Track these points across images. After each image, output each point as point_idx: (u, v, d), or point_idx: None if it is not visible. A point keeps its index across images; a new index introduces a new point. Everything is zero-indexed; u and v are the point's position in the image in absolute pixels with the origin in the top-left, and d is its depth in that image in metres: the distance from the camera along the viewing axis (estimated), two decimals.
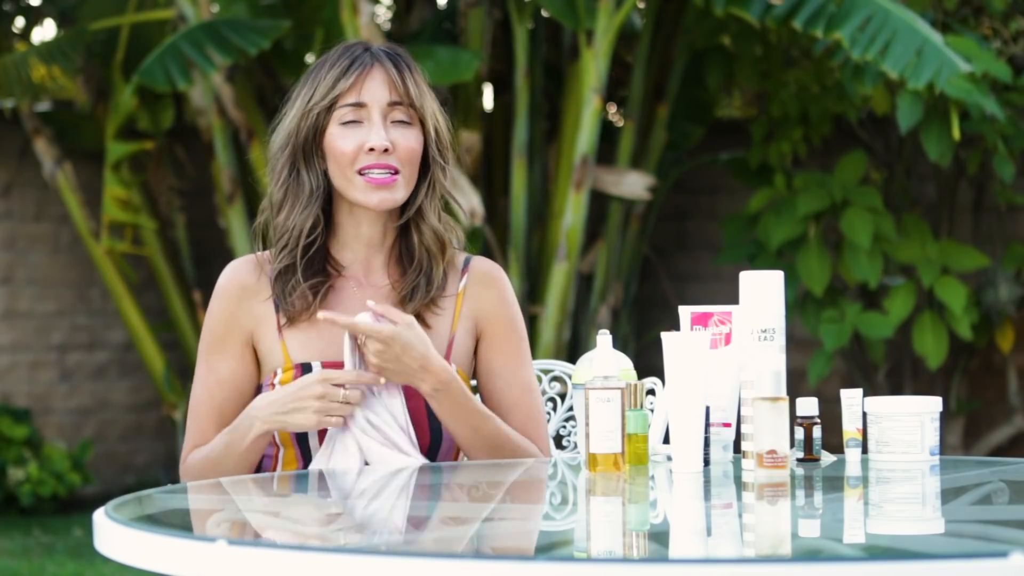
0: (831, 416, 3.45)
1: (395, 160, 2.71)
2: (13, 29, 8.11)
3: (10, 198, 8.12)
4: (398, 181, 2.71)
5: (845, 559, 1.80)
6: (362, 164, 2.70)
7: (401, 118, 2.73)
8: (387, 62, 2.73)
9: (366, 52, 2.75)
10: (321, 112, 2.71)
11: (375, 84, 2.72)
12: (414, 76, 2.75)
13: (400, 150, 2.71)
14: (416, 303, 2.75)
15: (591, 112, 6.79)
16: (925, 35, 6.04)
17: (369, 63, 2.73)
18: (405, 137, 2.72)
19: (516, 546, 2.04)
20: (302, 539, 2.06)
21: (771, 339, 2.54)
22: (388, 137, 2.70)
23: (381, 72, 2.73)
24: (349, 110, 2.71)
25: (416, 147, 2.73)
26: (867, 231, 6.75)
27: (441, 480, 2.62)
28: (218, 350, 2.76)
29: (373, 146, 2.69)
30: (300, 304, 2.72)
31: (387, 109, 2.72)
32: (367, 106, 2.71)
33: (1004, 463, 2.78)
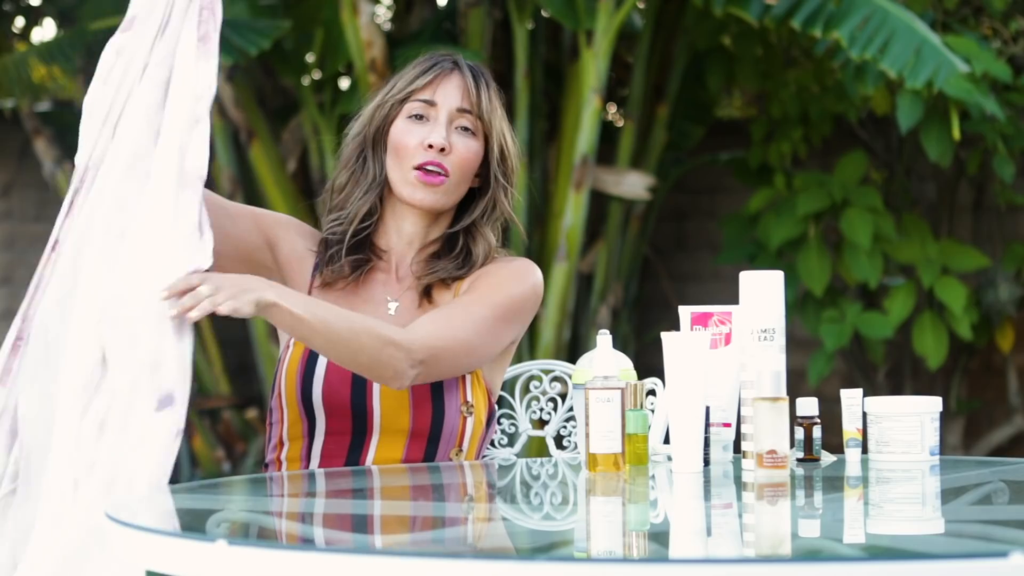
0: (831, 416, 3.45)
1: (448, 162, 2.77)
2: (13, 29, 8.11)
3: (10, 198, 8.13)
4: (445, 184, 2.77)
5: (845, 559, 1.80)
6: (418, 160, 2.76)
7: (466, 125, 2.80)
8: (466, 71, 2.82)
9: (449, 59, 2.83)
10: (394, 104, 2.80)
11: (449, 87, 2.80)
12: (489, 91, 2.82)
13: (456, 154, 2.77)
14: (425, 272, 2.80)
15: (591, 112, 6.79)
16: (923, 35, 6.04)
17: (449, 68, 2.81)
18: (465, 144, 2.79)
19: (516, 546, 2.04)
20: (302, 539, 2.06)
21: (771, 339, 2.54)
22: (448, 139, 2.76)
23: (458, 78, 2.81)
24: (419, 105, 2.79)
25: (472, 157, 2.79)
26: (867, 231, 6.75)
27: (441, 480, 2.62)
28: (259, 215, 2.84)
29: (432, 143, 2.76)
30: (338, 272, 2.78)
31: (455, 114, 2.79)
32: (436, 106, 2.79)
33: (1004, 463, 2.78)
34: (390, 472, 2.67)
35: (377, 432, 2.72)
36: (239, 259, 2.78)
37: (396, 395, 2.72)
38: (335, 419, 2.72)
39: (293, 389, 2.73)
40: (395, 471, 2.68)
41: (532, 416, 3.11)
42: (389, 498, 2.50)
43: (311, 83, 7.39)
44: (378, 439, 2.73)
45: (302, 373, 2.73)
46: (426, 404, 2.73)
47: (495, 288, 2.78)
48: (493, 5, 7.18)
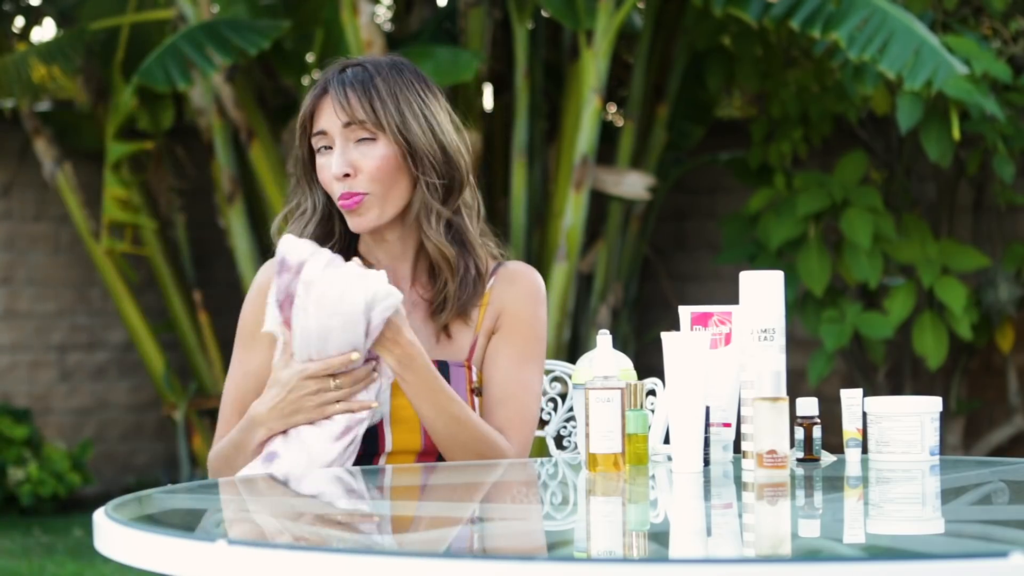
0: (831, 416, 3.45)
1: (360, 183, 2.72)
2: (13, 29, 8.11)
3: (10, 198, 8.13)
4: (364, 203, 2.72)
5: (845, 559, 1.80)
6: (335, 192, 2.73)
7: (362, 135, 2.73)
8: (337, 85, 2.74)
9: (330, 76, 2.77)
10: (302, 143, 2.78)
11: (327, 110, 2.74)
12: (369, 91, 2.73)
13: (363, 171, 2.72)
14: (445, 317, 2.77)
15: (591, 112, 6.79)
16: (922, 36, 6.04)
17: (320, 92, 2.75)
18: (367, 156, 2.72)
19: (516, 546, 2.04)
20: (302, 539, 2.06)
21: (771, 339, 2.54)
22: (349, 160, 2.71)
23: (333, 97, 2.73)
24: (319, 137, 2.75)
25: (380, 163, 2.72)
26: (867, 231, 6.75)
27: (440, 480, 2.62)
28: (248, 345, 2.79)
29: (334, 174, 2.72)
30: None
31: (346, 132, 2.73)
32: (328, 134, 2.74)
33: (1004, 463, 2.78)
34: (392, 472, 2.67)
35: (387, 453, 2.72)
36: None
37: (407, 420, 2.72)
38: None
39: None
40: (398, 471, 2.68)
41: None
42: (390, 498, 2.50)
43: (311, 83, 7.39)
44: (386, 459, 2.72)
45: None
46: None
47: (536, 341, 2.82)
48: (493, 5, 7.18)
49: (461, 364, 2.76)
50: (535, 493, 2.54)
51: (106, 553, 2.07)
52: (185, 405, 7.79)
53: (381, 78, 2.75)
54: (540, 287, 2.83)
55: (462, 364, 2.76)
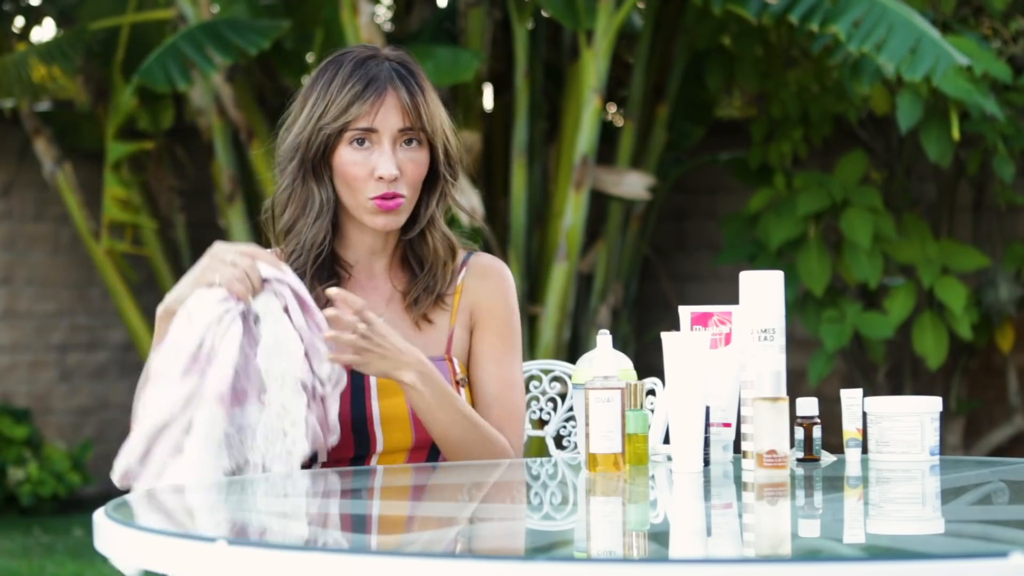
0: (831, 416, 3.45)
1: (402, 186, 2.73)
2: (13, 29, 8.11)
3: (10, 198, 8.13)
4: (402, 205, 2.74)
5: (845, 559, 1.80)
6: (371, 192, 2.71)
7: (410, 139, 2.74)
8: (400, 87, 2.73)
9: (380, 72, 2.74)
10: (332, 133, 2.73)
11: (388, 110, 2.72)
12: (426, 97, 2.75)
13: (407, 175, 2.73)
14: (422, 306, 2.78)
15: (591, 112, 6.79)
16: (922, 29, 6.04)
17: (383, 88, 2.73)
18: (413, 161, 2.74)
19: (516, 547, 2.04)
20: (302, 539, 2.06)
21: (771, 339, 2.54)
22: (397, 163, 2.72)
23: (394, 98, 2.73)
24: (360, 133, 2.72)
25: (422, 170, 2.76)
26: (867, 231, 6.75)
27: (440, 480, 2.62)
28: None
29: (383, 175, 2.71)
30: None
31: (397, 135, 2.73)
32: (379, 132, 2.72)
33: (1004, 463, 2.78)
34: (391, 472, 2.67)
35: (379, 453, 2.73)
36: None
37: (398, 418, 2.73)
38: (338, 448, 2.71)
39: None
40: (396, 471, 2.68)
41: (532, 416, 3.11)
42: (389, 498, 2.50)
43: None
44: (378, 459, 2.73)
45: None
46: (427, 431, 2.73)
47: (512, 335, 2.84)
48: (493, 5, 7.18)
49: (442, 358, 2.78)
50: (536, 493, 2.54)
51: (106, 553, 2.07)
52: None
53: (424, 79, 2.78)
54: (510, 279, 2.87)
55: (443, 358, 2.78)
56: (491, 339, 2.82)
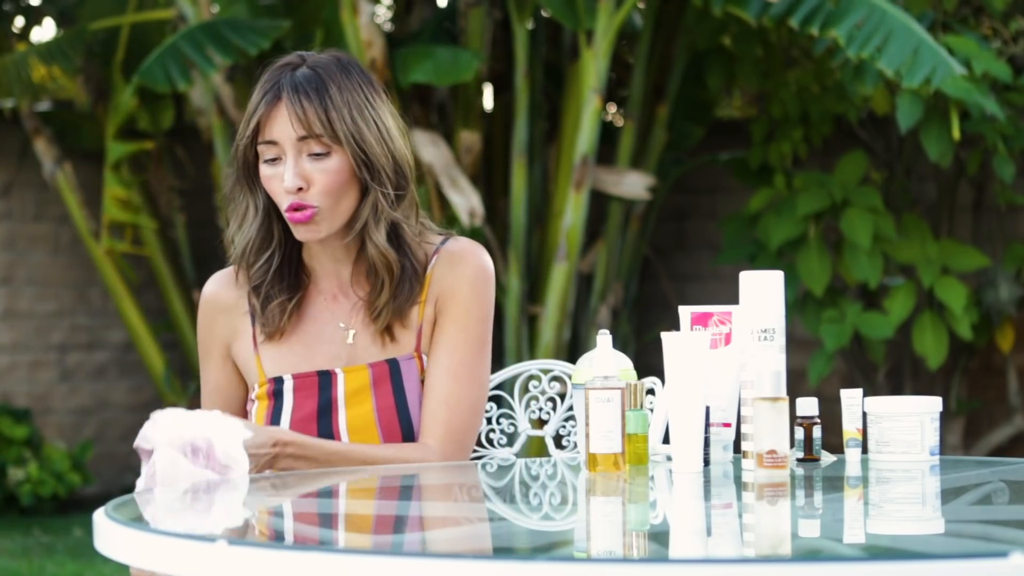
0: (831, 416, 3.45)
1: (311, 197, 2.65)
2: (13, 29, 8.11)
3: (10, 198, 8.13)
4: (317, 214, 2.65)
5: (845, 559, 1.80)
6: (284, 204, 2.67)
7: (316, 150, 2.65)
8: (292, 94, 2.66)
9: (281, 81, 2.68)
10: (248, 147, 2.69)
11: (280, 120, 2.66)
12: (325, 103, 2.66)
13: (315, 185, 2.65)
14: (383, 320, 2.73)
15: (591, 112, 6.79)
16: (920, 35, 6.05)
17: (273, 98, 2.67)
18: (320, 171, 2.65)
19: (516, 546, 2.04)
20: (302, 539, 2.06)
21: (771, 339, 2.54)
22: (302, 174, 2.65)
23: (288, 107, 2.66)
24: (266, 147, 2.68)
25: (333, 178, 2.65)
26: (867, 231, 6.75)
27: (440, 480, 2.62)
28: (204, 361, 2.84)
29: (286, 187, 2.65)
30: (271, 321, 2.75)
31: (299, 144, 2.65)
32: (279, 143, 2.66)
33: (1004, 463, 2.78)
34: (390, 472, 2.67)
35: None
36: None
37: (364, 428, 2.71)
38: None
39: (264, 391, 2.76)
40: (395, 472, 2.68)
41: (531, 416, 3.11)
42: (389, 498, 2.50)
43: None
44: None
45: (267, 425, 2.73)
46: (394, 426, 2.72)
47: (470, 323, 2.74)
48: (493, 5, 7.18)
49: (411, 356, 2.73)
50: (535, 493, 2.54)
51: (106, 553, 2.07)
52: (185, 405, 7.77)
53: (335, 85, 2.67)
54: (483, 265, 2.75)
55: (411, 356, 2.73)
56: (447, 326, 2.73)
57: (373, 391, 2.71)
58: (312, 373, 2.72)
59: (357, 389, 2.70)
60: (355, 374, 2.72)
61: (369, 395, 2.71)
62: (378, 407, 2.71)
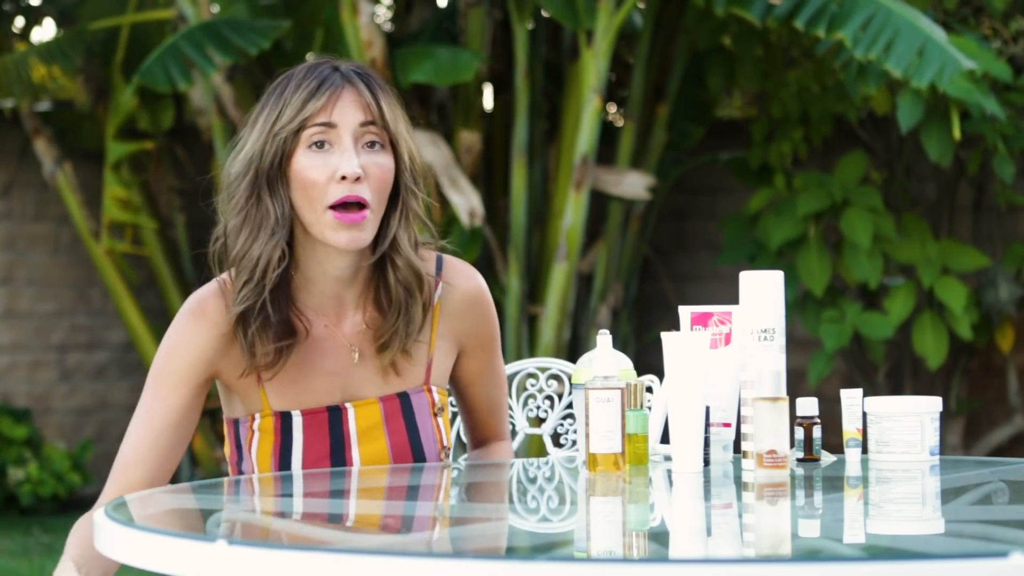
0: (831, 416, 3.45)
1: (366, 190, 2.50)
2: (13, 29, 8.11)
3: (10, 198, 8.13)
4: (367, 218, 2.50)
5: (845, 559, 1.80)
6: (333, 197, 2.49)
7: (373, 140, 2.53)
8: (359, 82, 2.55)
9: (335, 72, 2.56)
10: (288, 135, 2.52)
11: (346, 104, 2.53)
12: (387, 97, 2.57)
13: (372, 178, 2.51)
14: (393, 351, 2.61)
15: (591, 112, 6.79)
16: (927, 34, 6.04)
17: (340, 83, 2.54)
18: (377, 163, 2.52)
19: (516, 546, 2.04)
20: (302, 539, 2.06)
21: (771, 339, 2.54)
22: (360, 163, 2.50)
23: (353, 92, 2.54)
24: (318, 130, 2.51)
25: (388, 175, 2.53)
26: (867, 231, 6.75)
27: (439, 480, 2.62)
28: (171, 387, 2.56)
29: (345, 174, 2.49)
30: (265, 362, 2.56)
31: (359, 131, 2.52)
32: (337, 127, 2.52)
33: (1004, 463, 2.78)
34: (390, 473, 2.67)
35: None
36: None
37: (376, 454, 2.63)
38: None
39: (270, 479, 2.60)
40: (393, 472, 2.68)
41: (529, 414, 3.11)
42: (389, 498, 2.50)
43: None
44: None
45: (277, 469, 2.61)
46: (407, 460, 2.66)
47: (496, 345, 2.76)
48: (493, 5, 7.18)
49: (420, 390, 2.66)
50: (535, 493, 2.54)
51: (106, 553, 2.07)
52: None
53: (386, 87, 2.60)
54: (488, 296, 2.72)
55: (421, 389, 2.66)
56: (484, 357, 2.74)
57: (386, 427, 2.63)
58: (321, 409, 2.60)
59: (369, 426, 2.61)
60: (365, 409, 2.62)
61: (382, 432, 2.62)
62: (392, 443, 2.64)
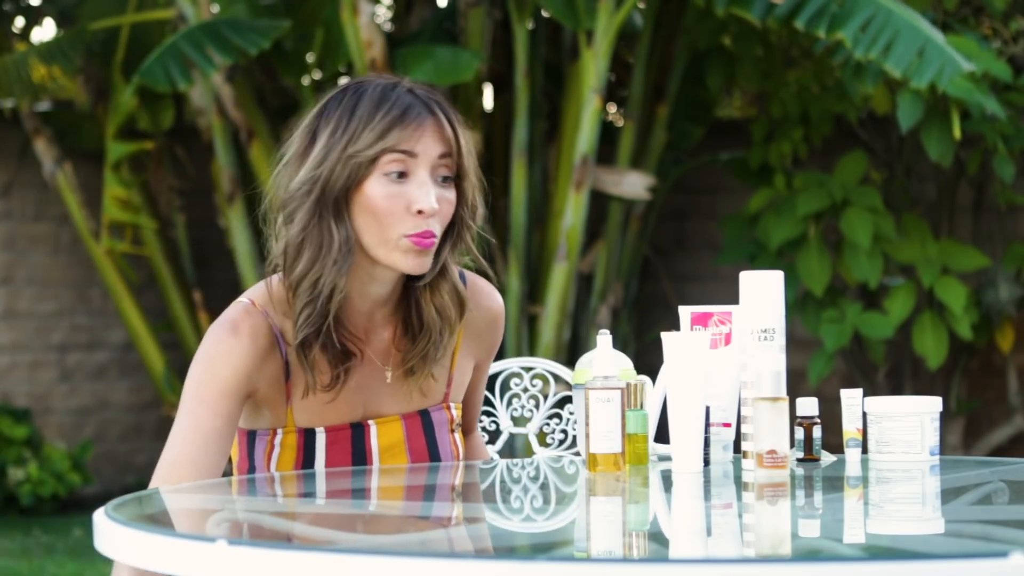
0: (831, 416, 3.45)
1: (435, 224, 2.49)
2: (13, 29, 8.11)
3: (10, 198, 8.13)
4: (435, 245, 2.50)
5: (845, 559, 1.80)
6: (407, 229, 2.47)
7: (446, 174, 2.51)
8: (440, 112, 2.51)
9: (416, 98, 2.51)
10: (365, 161, 2.47)
11: (429, 135, 2.49)
12: (463, 130, 2.54)
13: (440, 213, 2.50)
14: (421, 375, 2.60)
15: (591, 112, 6.79)
16: (927, 34, 6.04)
17: (424, 113, 2.50)
18: (447, 198, 2.51)
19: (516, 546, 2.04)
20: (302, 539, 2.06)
21: (771, 339, 2.54)
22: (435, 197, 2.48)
23: (436, 123, 2.50)
24: (398, 160, 2.47)
25: (451, 209, 2.53)
26: (867, 231, 6.75)
27: (439, 480, 2.62)
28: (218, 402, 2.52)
29: (423, 208, 2.47)
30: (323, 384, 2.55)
31: (436, 163, 2.49)
32: (417, 157, 2.48)
33: (1004, 463, 2.78)
34: (390, 473, 2.67)
35: None
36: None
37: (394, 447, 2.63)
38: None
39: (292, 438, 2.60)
40: (394, 472, 2.68)
41: (513, 413, 3.10)
42: (389, 498, 2.50)
43: (311, 83, 7.39)
44: None
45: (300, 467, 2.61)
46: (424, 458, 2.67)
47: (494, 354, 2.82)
48: (493, 5, 7.18)
49: (440, 407, 2.67)
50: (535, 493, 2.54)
51: (106, 553, 2.07)
52: None
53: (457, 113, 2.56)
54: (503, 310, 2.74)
55: (441, 407, 2.67)
56: (487, 365, 2.78)
57: (407, 445, 2.63)
58: (345, 426, 2.59)
59: (391, 444, 2.61)
60: (388, 427, 2.62)
61: (403, 450, 2.62)
62: (412, 460, 2.64)
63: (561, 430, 3.07)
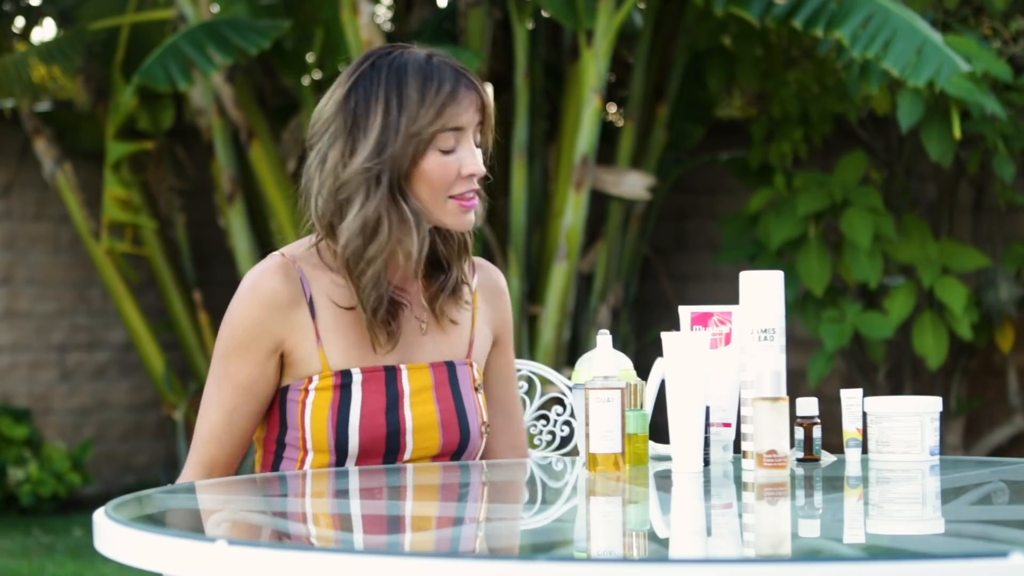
0: (831, 416, 3.45)
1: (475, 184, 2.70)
2: (13, 29, 8.11)
3: (10, 198, 8.13)
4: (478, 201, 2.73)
5: (845, 559, 1.80)
6: (456, 190, 2.67)
7: (479, 137, 2.70)
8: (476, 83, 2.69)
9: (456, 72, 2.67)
10: (425, 139, 2.62)
11: (472, 106, 2.67)
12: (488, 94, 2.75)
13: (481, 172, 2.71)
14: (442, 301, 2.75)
15: (591, 112, 6.79)
16: (925, 34, 6.05)
17: (468, 88, 2.66)
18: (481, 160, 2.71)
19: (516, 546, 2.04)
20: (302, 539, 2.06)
21: (771, 339, 2.54)
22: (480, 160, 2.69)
23: (475, 94, 2.67)
24: (450, 135, 2.64)
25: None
26: (867, 231, 6.75)
27: (440, 480, 2.62)
28: (240, 356, 2.67)
29: (473, 172, 2.67)
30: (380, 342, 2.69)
31: (475, 129, 2.68)
32: (465, 129, 2.66)
33: (1004, 463, 2.78)
34: (390, 473, 2.67)
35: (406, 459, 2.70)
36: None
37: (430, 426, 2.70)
38: (367, 457, 2.69)
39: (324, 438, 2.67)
40: (396, 471, 2.68)
41: None
42: (389, 499, 2.50)
43: (311, 83, 7.39)
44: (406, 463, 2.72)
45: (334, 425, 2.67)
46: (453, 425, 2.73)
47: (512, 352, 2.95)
48: (493, 5, 7.18)
49: (464, 362, 2.77)
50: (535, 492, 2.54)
51: (106, 553, 2.07)
52: (185, 405, 7.79)
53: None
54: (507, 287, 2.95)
55: (464, 362, 2.77)
56: (507, 351, 2.90)
57: (435, 392, 2.72)
58: (379, 368, 2.69)
59: (420, 388, 2.71)
60: (418, 372, 2.72)
61: (431, 395, 2.71)
62: (440, 408, 2.71)
63: (549, 431, 3.08)
